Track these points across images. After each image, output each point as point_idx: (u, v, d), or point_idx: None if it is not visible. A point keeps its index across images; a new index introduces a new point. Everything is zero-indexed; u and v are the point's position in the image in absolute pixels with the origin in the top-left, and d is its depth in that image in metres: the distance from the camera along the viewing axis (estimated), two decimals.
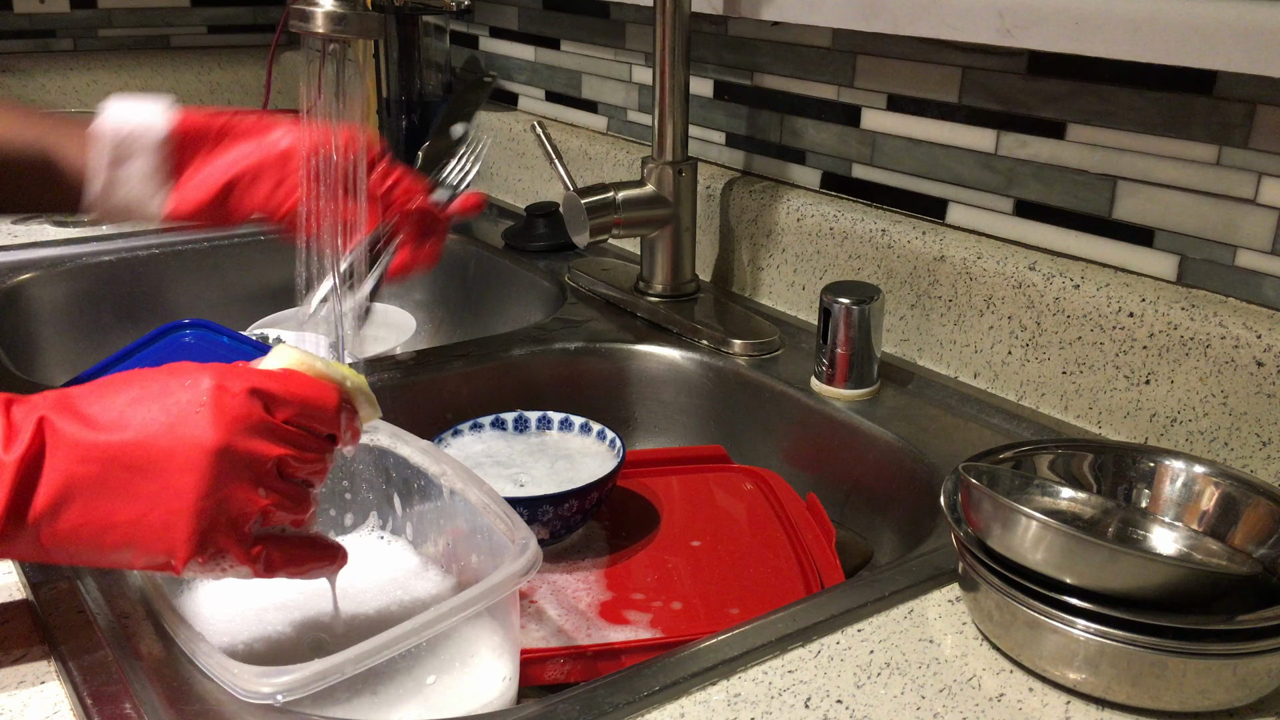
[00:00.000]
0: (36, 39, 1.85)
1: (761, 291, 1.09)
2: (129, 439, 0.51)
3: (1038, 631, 0.56)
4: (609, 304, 1.09)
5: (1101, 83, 0.82)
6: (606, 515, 0.83)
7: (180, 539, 0.51)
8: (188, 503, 0.51)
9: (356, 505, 0.73)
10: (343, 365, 0.59)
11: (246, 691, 0.50)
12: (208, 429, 0.51)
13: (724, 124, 1.16)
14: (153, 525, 0.51)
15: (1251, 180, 0.75)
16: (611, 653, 0.68)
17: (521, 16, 1.46)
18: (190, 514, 0.51)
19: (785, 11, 0.99)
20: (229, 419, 0.51)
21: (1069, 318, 0.83)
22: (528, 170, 1.42)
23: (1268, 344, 0.72)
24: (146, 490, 0.51)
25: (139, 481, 0.51)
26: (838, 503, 0.87)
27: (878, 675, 0.58)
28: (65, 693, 0.55)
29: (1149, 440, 0.79)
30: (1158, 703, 0.54)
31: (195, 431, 0.51)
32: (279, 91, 1.92)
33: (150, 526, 0.51)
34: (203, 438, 0.51)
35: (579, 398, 0.99)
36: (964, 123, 0.92)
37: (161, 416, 0.51)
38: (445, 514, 0.68)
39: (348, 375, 0.58)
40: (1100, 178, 0.84)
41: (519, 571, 0.56)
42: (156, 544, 0.51)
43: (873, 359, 0.88)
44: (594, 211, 1.00)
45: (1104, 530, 0.64)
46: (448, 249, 1.32)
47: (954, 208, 0.95)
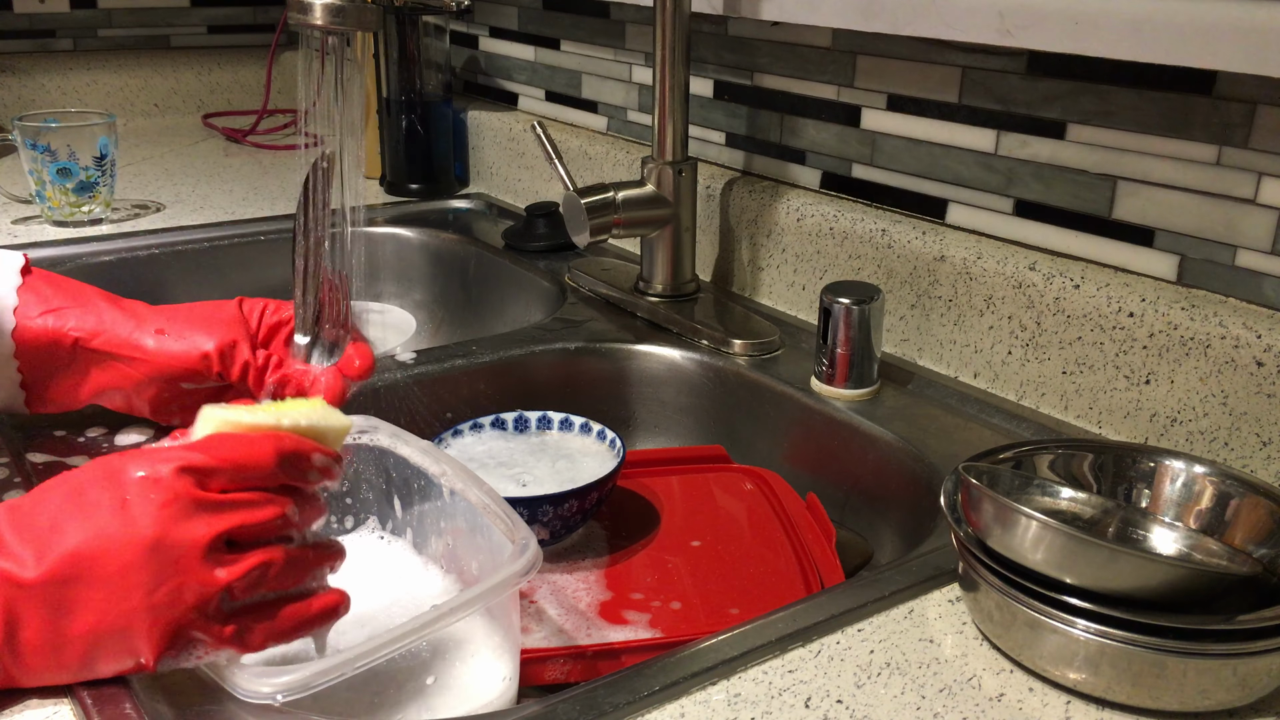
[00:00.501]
0: (36, 39, 1.85)
1: (761, 291, 1.09)
2: (63, 554, 0.49)
3: (1038, 631, 0.56)
4: (609, 304, 1.09)
5: (1101, 83, 0.82)
6: (606, 515, 0.83)
7: (142, 639, 0.50)
8: (137, 602, 0.49)
9: (357, 506, 0.73)
10: (279, 404, 0.56)
11: (246, 691, 0.50)
12: (142, 523, 0.49)
13: (724, 124, 1.16)
14: (110, 631, 0.50)
15: (1251, 180, 0.75)
16: (611, 653, 0.68)
17: (521, 16, 1.46)
18: (143, 612, 0.49)
19: (785, 11, 0.99)
20: (160, 507, 0.49)
21: (1069, 318, 0.83)
22: (528, 170, 1.42)
23: (1268, 344, 0.72)
24: (93, 600, 0.49)
25: (83, 592, 0.49)
26: (838, 503, 0.87)
27: (878, 675, 0.58)
28: (65, 693, 0.55)
29: (1149, 440, 0.79)
30: (1158, 703, 0.54)
31: (129, 530, 0.49)
32: (279, 91, 1.93)
33: (108, 633, 0.50)
34: (137, 534, 0.49)
35: (579, 398, 0.99)
36: (964, 123, 0.92)
37: (92, 522, 0.50)
38: (445, 514, 0.68)
39: (285, 413, 0.55)
40: (1100, 178, 0.84)
41: (519, 571, 0.56)
42: (120, 649, 0.51)
43: (873, 359, 0.88)
44: (594, 211, 1.00)
45: (1104, 530, 0.64)
46: (449, 249, 1.33)
47: (954, 208, 0.95)
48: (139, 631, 0.50)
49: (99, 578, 0.49)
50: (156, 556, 0.49)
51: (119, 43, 1.92)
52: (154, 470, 0.50)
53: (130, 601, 0.49)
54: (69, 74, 1.82)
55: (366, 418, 0.71)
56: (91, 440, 0.78)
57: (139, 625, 0.50)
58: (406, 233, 1.36)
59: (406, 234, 1.36)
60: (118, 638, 0.50)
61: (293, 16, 0.76)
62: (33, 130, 1.25)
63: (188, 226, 1.31)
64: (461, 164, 1.54)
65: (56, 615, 0.50)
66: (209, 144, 1.75)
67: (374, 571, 0.69)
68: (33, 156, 1.26)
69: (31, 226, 1.29)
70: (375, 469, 0.72)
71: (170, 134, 1.80)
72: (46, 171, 1.26)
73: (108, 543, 0.49)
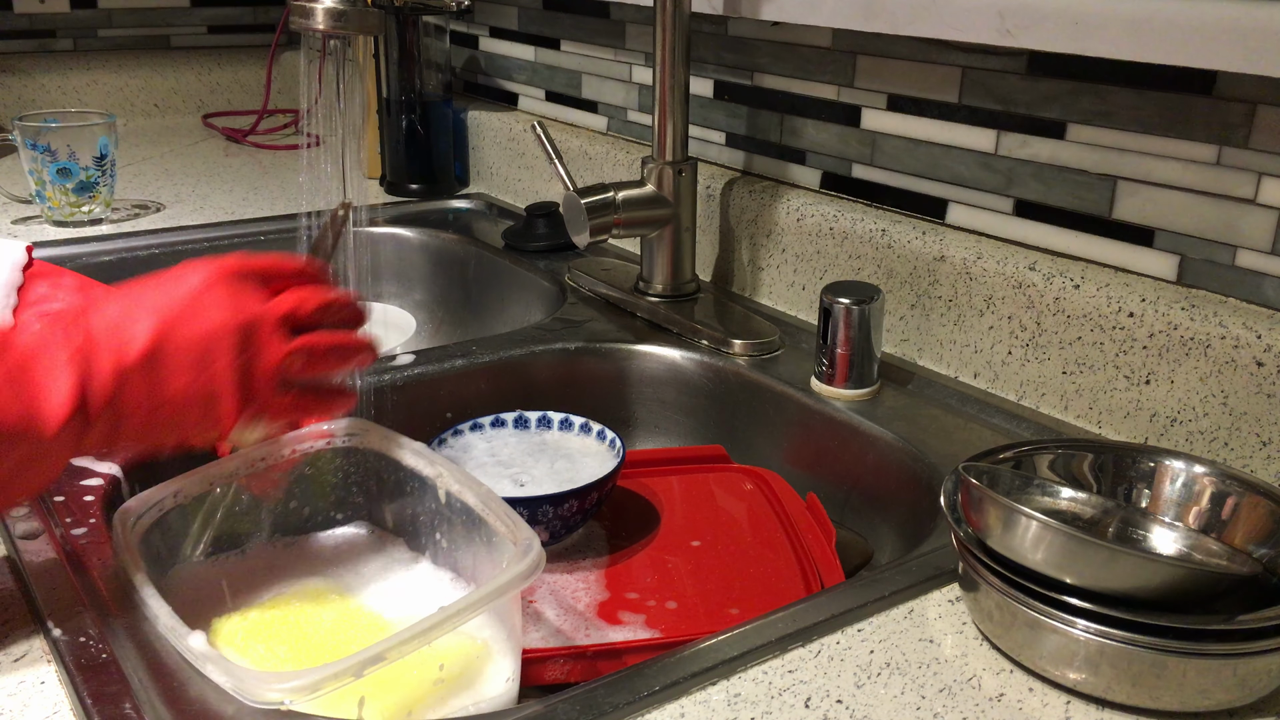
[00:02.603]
0: (36, 39, 1.85)
1: (761, 291, 1.09)
2: (160, 330, 0.57)
3: (1038, 631, 0.56)
4: (609, 304, 1.09)
5: (1101, 83, 0.82)
6: (606, 515, 0.83)
7: (225, 402, 0.58)
8: (223, 367, 0.58)
9: (348, 510, 0.73)
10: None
11: (254, 698, 0.50)
12: (227, 302, 0.58)
13: (724, 124, 1.16)
14: (199, 395, 0.58)
15: (1251, 180, 0.75)
16: (612, 653, 0.68)
17: (521, 16, 1.46)
18: (228, 375, 0.58)
19: (785, 11, 0.99)
20: (238, 291, 0.59)
21: (1069, 318, 0.83)
22: (528, 170, 1.42)
23: (1268, 344, 0.72)
24: (184, 367, 0.57)
25: (176, 361, 0.57)
26: (838, 503, 0.87)
27: (878, 675, 0.58)
28: (65, 693, 0.55)
29: (1149, 440, 0.79)
30: (1158, 703, 0.54)
31: (218, 307, 0.58)
32: (279, 91, 1.93)
33: (196, 396, 0.58)
34: (216, 319, 0.58)
35: (579, 398, 0.99)
36: (964, 123, 0.92)
37: (180, 303, 0.58)
38: (441, 517, 0.68)
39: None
40: (1100, 178, 0.84)
41: (524, 572, 0.56)
42: (205, 412, 0.58)
43: (873, 359, 0.88)
44: (594, 211, 1.00)
45: (1104, 530, 0.64)
46: (449, 249, 1.33)
47: (954, 208, 0.95)
48: (223, 394, 0.58)
49: (192, 348, 0.57)
50: (240, 329, 0.58)
51: (119, 43, 1.92)
52: (226, 265, 0.60)
53: (218, 366, 0.58)
54: (69, 74, 1.82)
55: (356, 420, 0.71)
56: None
57: (224, 388, 0.58)
58: (406, 233, 1.36)
59: (406, 234, 1.36)
60: (205, 402, 0.58)
61: (294, 20, 0.76)
62: (33, 130, 1.25)
63: (188, 226, 1.31)
64: (461, 164, 1.54)
65: (155, 380, 0.57)
66: (209, 144, 1.75)
67: (372, 575, 0.69)
68: (33, 156, 1.26)
69: (31, 226, 1.29)
70: (366, 473, 0.72)
71: (170, 134, 1.80)
72: (46, 171, 1.26)
73: (199, 320, 0.58)
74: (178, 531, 0.66)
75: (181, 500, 0.65)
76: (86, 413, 0.55)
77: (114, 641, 0.57)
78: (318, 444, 0.70)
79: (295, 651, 0.61)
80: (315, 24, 0.75)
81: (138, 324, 0.57)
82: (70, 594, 0.61)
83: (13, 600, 0.62)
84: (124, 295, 0.59)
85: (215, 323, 0.58)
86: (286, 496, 0.71)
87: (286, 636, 0.62)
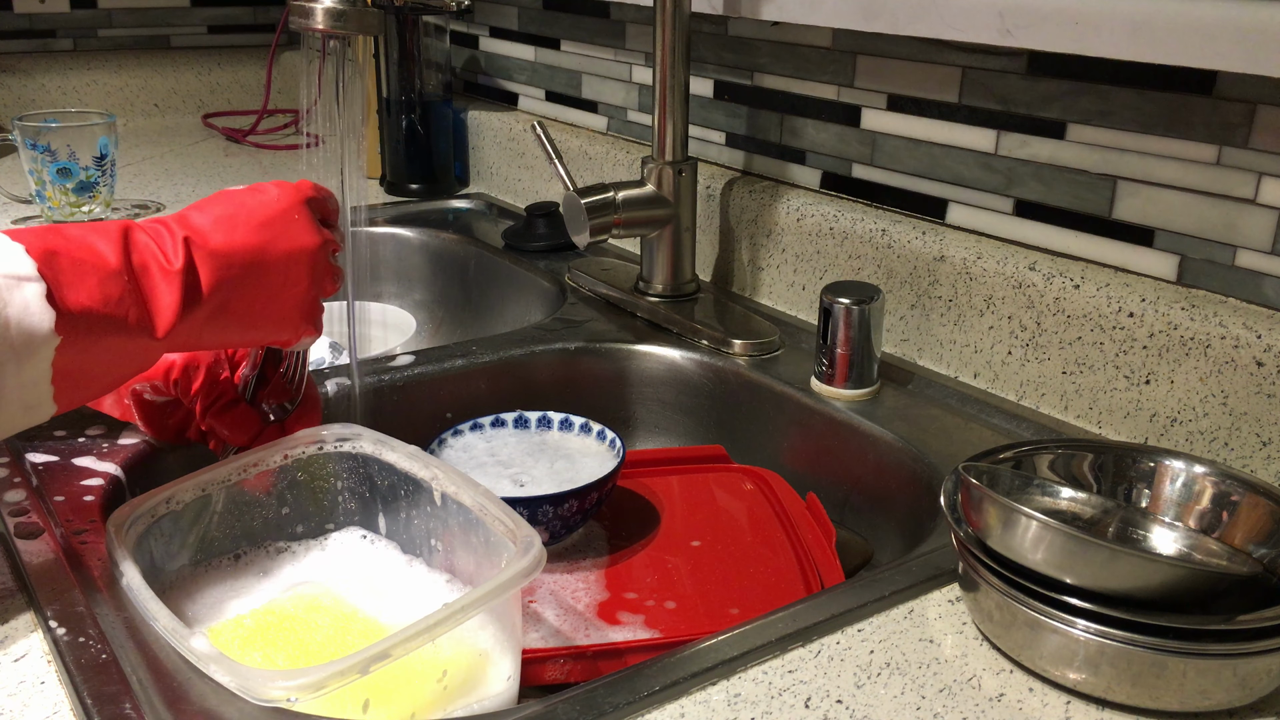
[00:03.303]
0: (36, 39, 1.85)
1: (761, 291, 1.09)
2: (253, 245, 0.64)
3: (1038, 631, 0.56)
4: (609, 304, 1.09)
5: (1101, 83, 0.82)
6: (606, 515, 0.83)
7: (302, 316, 0.67)
8: (303, 289, 0.66)
9: (342, 514, 0.73)
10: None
11: (258, 696, 0.50)
12: (307, 232, 0.66)
13: (724, 124, 1.16)
14: (282, 307, 0.66)
15: (1251, 180, 0.75)
16: (612, 653, 0.68)
17: (521, 16, 1.46)
18: (305, 297, 0.67)
19: (785, 11, 0.99)
20: (313, 217, 0.67)
21: (1069, 318, 0.83)
22: (528, 170, 1.42)
23: (1268, 344, 0.72)
24: (273, 284, 0.65)
25: (267, 277, 0.64)
26: (838, 503, 0.87)
27: (878, 675, 0.58)
28: (65, 693, 0.55)
29: (1149, 440, 0.79)
30: (1158, 703, 0.54)
31: (302, 238, 0.66)
32: (279, 91, 1.93)
33: (280, 308, 0.66)
34: (304, 240, 0.66)
35: (579, 398, 0.99)
36: (964, 123, 0.92)
37: (273, 226, 0.65)
38: (437, 519, 0.67)
39: None
40: (1100, 178, 0.84)
41: (525, 569, 0.56)
42: (284, 322, 0.67)
43: (873, 359, 0.88)
44: (594, 211, 1.00)
45: (1104, 530, 0.64)
46: (449, 249, 1.33)
47: (954, 208, 0.95)
48: (303, 310, 0.67)
49: (279, 268, 0.65)
50: (314, 258, 0.67)
51: (119, 43, 1.92)
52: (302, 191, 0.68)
53: (299, 287, 0.66)
54: (69, 74, 1.82)
55: (348, 425, 0.71)
56: (91, 440, 0.78)
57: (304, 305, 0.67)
58: (406, 233, 1.36)
59: (406, 234, 1.36)
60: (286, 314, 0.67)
61: (294, 20, 0.76)
62: (33, 130, 1.25)
63: None
64: (461, 164, 1.54)
65: (249, 291, 0.64)
66: (209, 144, 1.75)
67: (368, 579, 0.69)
68: (33, 156, 1.26)
69: (32, 226, 1.29)
70: (358, 478, 0.72)
71: (170, 134, 1.80)
72: (46, 171, 1.26)
73: (286, 244, 0.65)
74: (171, 537, 0.66)
75: (175, 506, 0.65)
76: (190, 316, 0.61)
77: (114, 641, 0.57)
78: (310, 449, 0.70)
79: (293, 657, 0.61)
80: (315, 24, 0.75)
81: (237, 233, 0.64)
82: (70, 594, 0.61)
83: (13, 600, 0.62)
84: (217, 205, 0.65)
85: (302, 242, 0.66)
86: (280, 502, 0.71)
87: (283, 642, 0.62)
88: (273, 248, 0.65)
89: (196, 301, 0.61)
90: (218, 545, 0.69)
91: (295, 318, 0.67)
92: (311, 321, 0.69)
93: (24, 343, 0.55)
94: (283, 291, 0.66)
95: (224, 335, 0.65)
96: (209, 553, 0.68)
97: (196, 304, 0.61)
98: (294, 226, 0.66)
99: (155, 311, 0.60)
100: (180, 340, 0.62)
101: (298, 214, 0.67)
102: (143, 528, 0.63)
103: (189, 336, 0.63)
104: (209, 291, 0.62)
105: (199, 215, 0.64)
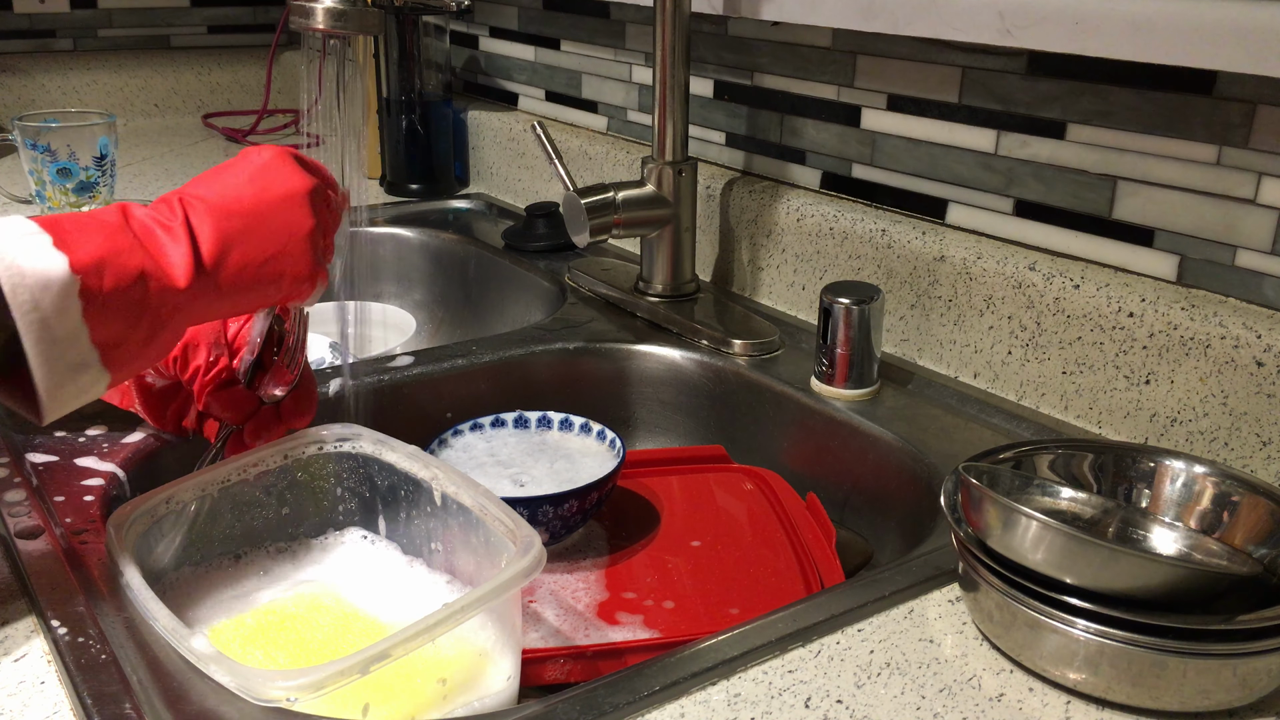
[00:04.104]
0: (36, 39, 1.85)
1: (761, 291, 1.09)
2: (248, 196, 0.64)
3: (1038, 631, 0.56)
4: (609, 304, 1.09)
5: (1101, 83, 0.82)
6: (606, 515, 0.83)
7: (314, 259, 0.66)
8: (308, 228, 0.66)
9: (342, 515, 0.73)
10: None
11: (258, 696, 0.50)
12: (298, 177, 0.66)
13: (724, 124, 1.16)
14: (292, 254, 0.65)
15: (1251, 180, 0.75)
16: (612, 653, 0.68)
17: (521, 16, 1.46)
18: (311, 237, 0.66)
19: (785, 11, 0.99)
20: (303, 167, 0.67)
21: (1069, 318, 0.83)
22: (528, 170, 1.42)
23: (1268, 344, 0.72)
24: (277, 228, 0.65)
25: (270, 223, 0.64)
26: (838, 503, 0.87)
27: (878, 675, 0.58)
28: (65, 693, 0.55)
29: (1149, 440, 0.79)
30: (1158, 703, 0.54)
31: (292, 181, 0.66)
32: (279, 91, 1.93)
33: (290, 255, 0.65)
34: (295, 183, 0.66)
35: (579, 398, 0.99)
36: (964, 123, 0.92)
37: (262, 176, 0.65)
38: (437, 519, 0.67)
39: None
40: (1100, 178, 0.84)
41: (526, 569, 0.56)
42: (297, 267, 0.65)
43: (873, 359, 0.88)
44: (594, 211, 1.00)
45: (1104, 530, 0.64)
46: (449, 249, 1.33)
47: (954, 208, 0.95)
48: (312, 253, 0.66)
49: (280, 213, 0.65)
50: (312, 199, 0.66)
51: (119, 43, 1.92)
52: (286, 149, 0.68)
53: (303, 229, 0.66)
54: (69, 74, 1.82)
55: (348, 425, 0.71)
56: (92, 440, 0.78)
57: (311, 248, 0.66)
58: (406, 233, 1.36)
59: (406, 234, 1.36)
60: (297, 259, 0.66)
61: (294, 20, 0.76)
62: (33, 130, 1.25)
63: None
64: (461, 164, 1.54)
65: (256, 239, 0.64)
66: (209, 144, 1.75)
67: (368, 579, 0.69)
68: (33, 156, 1.26)
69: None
70: (358, 478, 0.72)
71: (170, 134, 1.80)
72: (46, 171, 1.26)
73: (282, 190, 0.65)
74: (172, 537, 0.66)
75: (175, 506, 0.65)
76: (203, 269, 0.61)
77: (114, 641, 0.57)
78: (309, 449, 0.70)
79: (293, 658, 0.61)
80: (315, 24, 0.75)
81: (229, 190, 0.64)
82: (70, 594, 0.61)
83: (13, 600, 0.62)
84: (205, 174, 0.66)
85: (293, 184, 0.66)
86: (280, 502, 0.71)
87: (283, 642, 0.62)
88: (266, 195, 0.65)
89: (206, 253, 0.62)
90: (218, 545, 0.69)
91: (306, 261, 0.67)
92: (323, 267, 0.69)
93: (42, 284, 0.54)
94: (287, 236, 0.65)
95: (241, 293, 0.64)
96: (209, 553, 0.68)
97: (206, 256, 0.62)
98: (282, 173, 0.66)
99: (169, 264, 0.60)
100: (202, 295, 0.61)
101: (283, 163, 0.67)
102: (143, 528, 0.63)
103: (209, 291, 0.62)
104: (216, 242, 0.62)
105: (190, 185, 0.65)
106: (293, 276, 0.66)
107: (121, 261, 0.58)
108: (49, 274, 0.55)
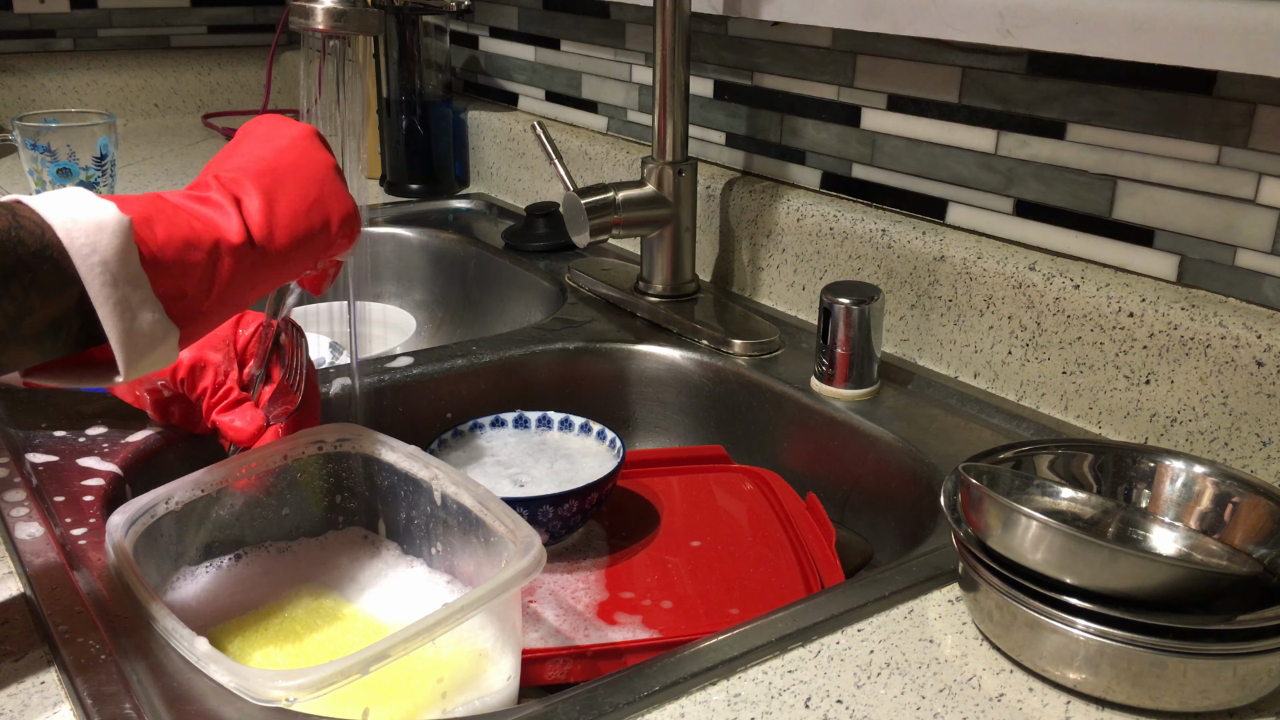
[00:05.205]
0: (36, 39, 1.85)
1: (761, 291, 1.09)
2: (267, 155, 0.64)
3: (1038, 631, 0.56)
4: (609, 304, 1.09)
5: (1101, 83, 0.82)
6: (606, 515, 0.83)
7: (347, 192, 0.67)
8: (331, 164, 0.67)
9: (342, 515, 0.73)
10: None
11: (259, 696, 0.50)
12: (296, 125, 0.68)
13: (724, 124, 1.16)
14: (331, 193, 0.66)
15: (1251, 180, 0.75)
16: (612, 653, 0.68)
17: (521, 16, 1.46)
18: (337, 173, 0.67)
19: (785, 11, 0.99)
20: (323, 143, 0.68)
21: (1069, 318, 0.83)
22: (528, 170, 1.42)
23: (1268, 344, 0.72)
24: (307, 173, 0.65)
25: (298, 171, 0.65)
26: (838, 503, 0.87)
27: (878, 675, 0.58)
28: (65, 693, 0.55)
29: (1149, 440, 0.79)
30: (1158, 703, 0.54)
31: (293, 128, 0.67)
32: (279, 91, 1.93)
33: (330, 195, 0.65)
34: (299, 129, 0.67)
35: (579, 398, 0.99)
36: (964, 123, 0.92)
37: (268, 136, 0.66)
38: (437, 519, 0.68)
39: None
40: (1100, 178, 0.84)
41: (526, 569, 0.56)
42: (340, 205, 0.66)
43: (873, 359, 0.88)
44: (594, 211, 1.00)
45: (1104, 530, 0.64)
46: (449, 249, 1.33)
47: (954, 208, 0.95)
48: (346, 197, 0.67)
49: (309, 169, 0.65)
50: (336, 167, 0.67)
51: (119, 43, 1.92)
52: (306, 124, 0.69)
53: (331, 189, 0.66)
54: (69, 74, 1.82)
55: (348, 425, 0.71)
56: (92, 440, 0.78)
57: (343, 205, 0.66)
58: (406, 233, 1.36)
59: (406, 234, 1.36)
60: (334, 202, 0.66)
61: (294, 21, 0.76)
62: (33, 130, 1.25)
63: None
64: (461, 164, 1.54)
65: (295, 188, 0.64)
66: (209, 144, 1.75)
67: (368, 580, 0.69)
68: (33, 156, 1.26)
69: None
70: (358, 478, 0.72)
71: (170, 134, 1.80)
72: (46, 171, 1.26)
73: (313, 154, 0.66)
74: (172, 537, 0.66)
75: (174, 506, 0.65)
76: (254, 226, 0.61)
77: (114, 642, 0.57)
78: (308, 450, 0.70)
79: (293, 658, 0.61)
80: (315, 24, 0.75)
81: (248, 157, 0.64)
82: (70, 594, 0.61)
83: (12, 600, 0.62)
84: (217, 158, 0.66)
85: (297, 130, 0.67)
86: (280, 502, 0.71)
87: (283, 643, 0.62)
88: (280, 146, 0.66)
89: (255, 212, 0.62)
90: (218, 545, 0.69)
91: (344, 196, 0.67)
92: (355, 213, 0.69)
93: (96, 226, 0.53)
94: (320, 176, 0.66)
95: (296, 248, 0.64)
96: (209, 553, 0.68)
97: (257, 215, 0.62)
98: (281, 126, 0.68)
99: (218, 224, 0.59)
100: (256, 252, 0.61)
101: (275, 120, 0.68)
102: (143, 528, 0.63)
103: (266, 246, 0.62)
104: (262, 200, 0.62)
105: (208, 168, 0.65)
106: (339, 216, 0.66)
107: (168, 218, 0.57)
108: (101, 218, 0.54)
